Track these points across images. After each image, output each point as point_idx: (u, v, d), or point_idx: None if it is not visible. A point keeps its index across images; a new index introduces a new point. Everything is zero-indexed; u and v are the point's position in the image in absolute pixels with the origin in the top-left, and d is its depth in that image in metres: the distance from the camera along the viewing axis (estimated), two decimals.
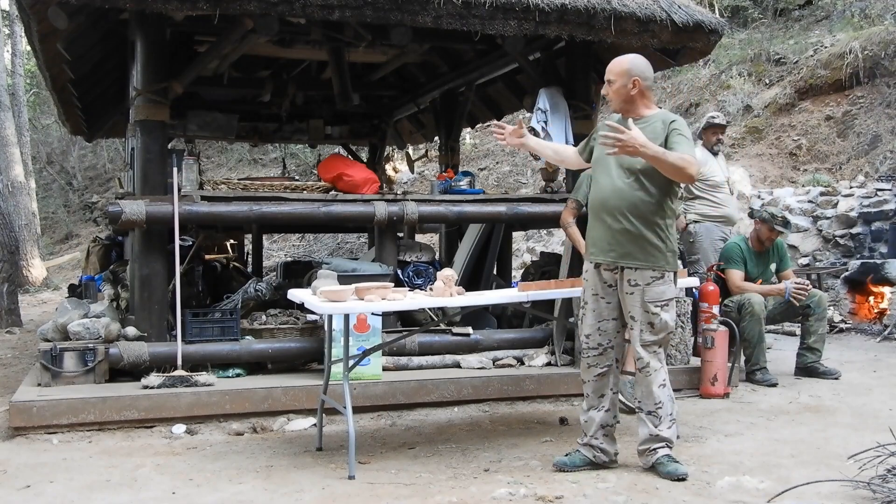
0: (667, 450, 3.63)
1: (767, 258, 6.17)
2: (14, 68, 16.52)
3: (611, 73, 3.68)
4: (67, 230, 20.23)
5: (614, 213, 3.61)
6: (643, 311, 3.60)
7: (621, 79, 3.64)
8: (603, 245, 3.67)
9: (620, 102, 3.67)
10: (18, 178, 14.58)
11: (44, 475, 3.68)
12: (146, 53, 5.20)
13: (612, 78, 3.67)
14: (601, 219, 3.68)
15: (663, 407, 3.65)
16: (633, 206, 3.59)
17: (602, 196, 3.68)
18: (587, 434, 3.76)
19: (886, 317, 8.03)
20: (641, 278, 3.60)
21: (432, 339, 5.42)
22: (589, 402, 3.79)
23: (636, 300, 3.61)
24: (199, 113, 8.12)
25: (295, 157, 17.75)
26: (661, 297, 3.61)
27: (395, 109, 9.17)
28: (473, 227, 6.78)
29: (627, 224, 3.59)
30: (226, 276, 7.20)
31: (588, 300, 3.76)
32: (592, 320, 3.73)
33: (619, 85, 3.64)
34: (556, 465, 3.72)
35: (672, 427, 3.67)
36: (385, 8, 4.81)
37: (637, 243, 3.59)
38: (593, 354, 3.74)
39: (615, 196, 3.62)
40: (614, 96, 3.67)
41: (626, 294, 3.64)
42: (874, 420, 4.67)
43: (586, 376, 3.79)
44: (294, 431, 4.51)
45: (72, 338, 4.84)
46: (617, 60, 3.70)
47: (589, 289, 3.76)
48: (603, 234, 3.67)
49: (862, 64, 11.53)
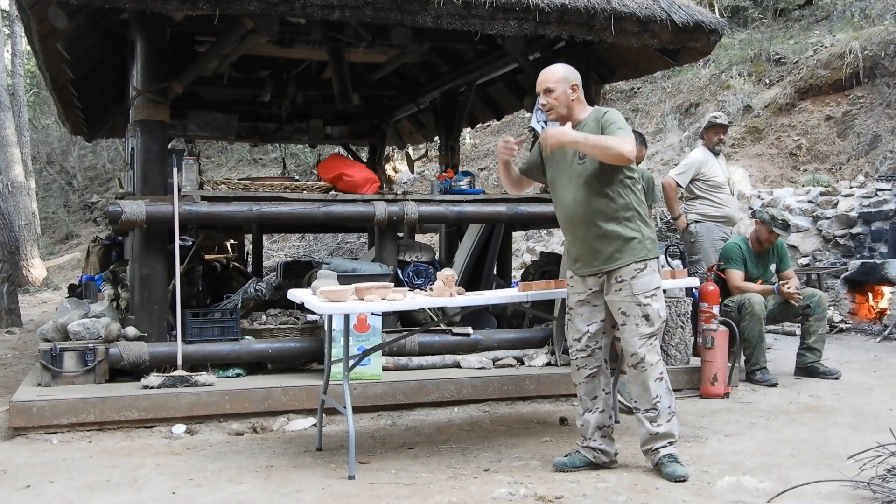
0: (669, 447, 3.62)
1: (767, 258, 6.17)
2: (14, 68, 16.52)
3: (549, 83, 3.73)
4: (67, 230, 20.24)
5: (583, 224, 3.66)
6: (635, 305, 3.60)
7: (561, 86, 3.71)
8: (585, 259, 3.71)
9: (563, 108, 3.72)
10: (18, 178, 14.59)
11: (44, 475, 3.68)
12: (146, 53, 5.20)
13: (552, 87, 3.72)
14: (574, 233, 3.74)
15: (661, 401, 3.63)
16: (597, 211, 3.63)
17: (567, 212, 3.74)
18: (585, 437, 3.77)
19: (886, 317, 8.03)
20: (627, 273, 3.61)
21: (432, 339, 5.41)
22: (583, 405, 3.80)
23: (625, 295, 3.61)
24: (199, 113, 8.12)
25: (295, 157, 17.75)
26: (648, 287, 3.62)
27: (395, 109, 9.17)
28: (473, 227, 6.78)
29: (598, 230, 3.63)
30: (226, 276, 7.20)
31: (573, 305, 3.80)
32: (581, 324, 3.76)
33: (559, 92, 3.71)
34: (556, 465, 3.72)
35: (672, 420, 3.65)
36: (385, 8, 4.81)
37: (614, 244, 3.62)
38: (582, 357, 3.76)
39: (578, 207, 3.67)
40: (557, 103, 3.72)
41: (614, 292, 3.65)
42: (874, 420, 4.67)
43: (577, 379, 3.81)
44: (294, 431, 4.51)
45: (72, 338, 4.84)
46: (550, 70, 3.78)
47: (574, 295, 3.79)
48: (581, 247, 3.71)
49: (862, 64, 11.53)
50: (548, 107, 3.75)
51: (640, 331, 3.61)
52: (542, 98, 3.76)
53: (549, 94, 3.74)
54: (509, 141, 3.87)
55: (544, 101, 3.75)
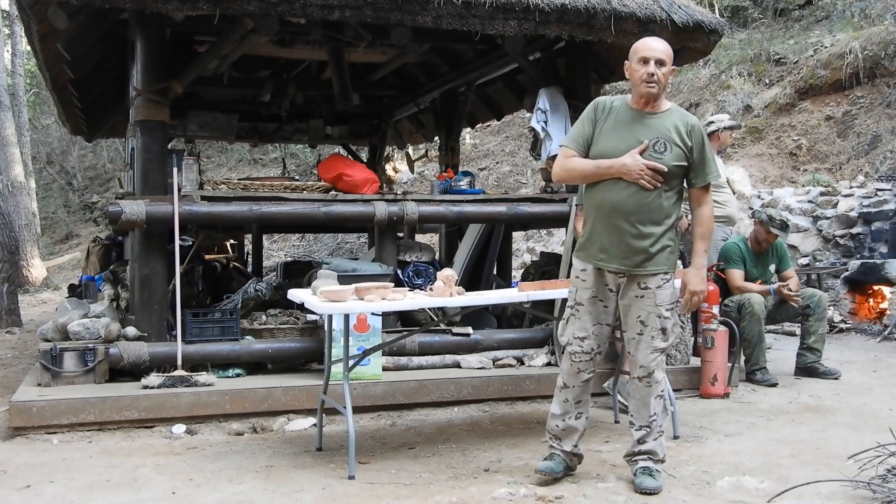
0: (649, 461, 3.46)
1: (767, 259, 6.17)
2: (14, 68, 16.52)
3: (664, 54, 3.36)
4: (67, 230, 20.23)
5: (631, 220, 3.36)
6: (655, 316, 3.39)
7: (670, 63, 3.38)
8: (616, 253, 3.40)
9: (662, 88, 3.39)
10: (18, 178, 14.58)
11: (44, 475, 3.68)
12: (146, 53, 5.21)
13: (665, 60, 3.36)
14: (612, 224, 3.39)
15: (656, 420, 3.47)
16: (653, 212, 3.37)
17: (615, 200, 3.38)
18: (570, 441, 3.57)
19: (886, 317, 8.03)
20: (654, 282, 3.39)
21: (432, 339, 5.41)
22: (564, 408, 3.56)
23: (648, 304, 3.39)
24: (199, 113, 8.13)
25: (295, 157, 17.75)
26: (670, 300, 3.43)
27: (395, 109, 9.18)
28: (473, 227, 6.78)
29: (642, 229, 3.36)
30: (226, 276, 7.20)
31: (584, 302, 3.49)
32: (588, 323, 3.48)
33: (668, 69, 3.37)
34: (544, 471, 3.50)
35: (659, 439, 3.48)
36: (385, 8, 4.81)
37: (650, 249, 3.38)
38: (585, 359, 3.50)
39: (632, 201, 3.35)
40: (664, 80, 3.37)
41: (635, 298, 3.42)
42: (874, 420, 4.67)
43: (572, 381, 3.53)
44: (294, 431, 4.51)
45: (72, 338, 4.84)
46: (663, 42, 3.42)
47: (586, 290, 3.49)
48: (617, 241, 3.39)
49: (862, 64, 11.53)
50: (653, 79, 3.34)
51: (654, 344, 3.41)
52: (650, 67, 3.33)
53: (660, 65, 3.36)
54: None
55: (652, 70, 3.33)
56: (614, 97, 3.56)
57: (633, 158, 3.35)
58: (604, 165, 3.39)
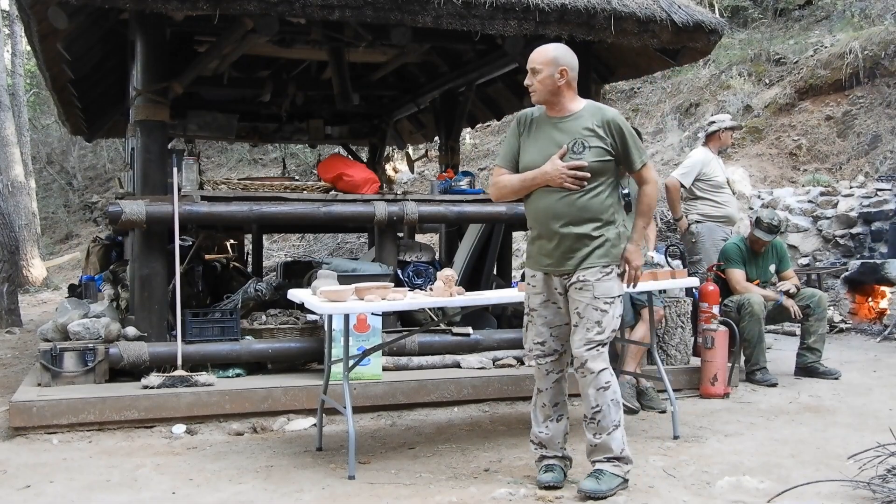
0: (605, 463, 3.39)
1: (766, 259, 6.16)
2: (14, 68, 16.52)
3: (536, 62, 3.45)
4: (67, 230, 20.23)
5: (566, 222, 3.41)
6: (592, 309, 3.38)
7: (548, 68, 3.42)
8: (558, 256, 3.44)
9: (546, 94, 3.45)
10: (18, 178, 14.58)
11: (44, 475, 3.68)
12: (146, 53, 5.21)
13: (537, 67, 3.44)
14: (552, 230, 3.44)
15: (601, 412, 3.38)
16: (585, 210, 3.41)
17: (546, 206, 3.44)
18: (556, 445, 3.55)
19: (886, 317, 8.03)
20: (591, 274, 3.40)
21: (432, 339, 5.41)
22: (543, 413, 3.57)
23: (586, 296, 3.39)
24: (199, 113, 8.12)
25: (295, 157, 17.75)
26: (609, 294, 3.41)
27: (395, 109, 9.17)
28: (473, 227, 6.78)
29: (582, 231, 3.41)
30: (226, 276, 7.19)
31: (537, 307, 3.54)
32: (544, 327, 3.53)
33: (545, 75, 3.42)
34: (546, 483, 3.45)
35: (613, 434, 3.39)
36: (385, 8, 4.81)
37: (593, 245, 3.41)
38: (550, 360, 3.53)
39: (562, 205, 3.41)
40: (539, 87, 3.44)
41: (575, 290, 3.42)
42: (874, 420, 4.67)
43: (543, 384, 3.56)
44: (294, 431, 4.51)
45: (72, 338, 4.85)
46: (542, 49, 3.49)
47: (538, 296, 3.54)
48: (557, 245, 3.44)
49: (862, 64, 11.53)
50: (531, 89, 3.47)
51: (588, 336, 3.38)
52: (527, 79, 3.48)
53: (534, 74, 3.45)
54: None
55: (528, 81, 3.47)
56: (535, 108, 3.61)
57: (553, 164, 3.41)
58: (528, 178, 3.49)
